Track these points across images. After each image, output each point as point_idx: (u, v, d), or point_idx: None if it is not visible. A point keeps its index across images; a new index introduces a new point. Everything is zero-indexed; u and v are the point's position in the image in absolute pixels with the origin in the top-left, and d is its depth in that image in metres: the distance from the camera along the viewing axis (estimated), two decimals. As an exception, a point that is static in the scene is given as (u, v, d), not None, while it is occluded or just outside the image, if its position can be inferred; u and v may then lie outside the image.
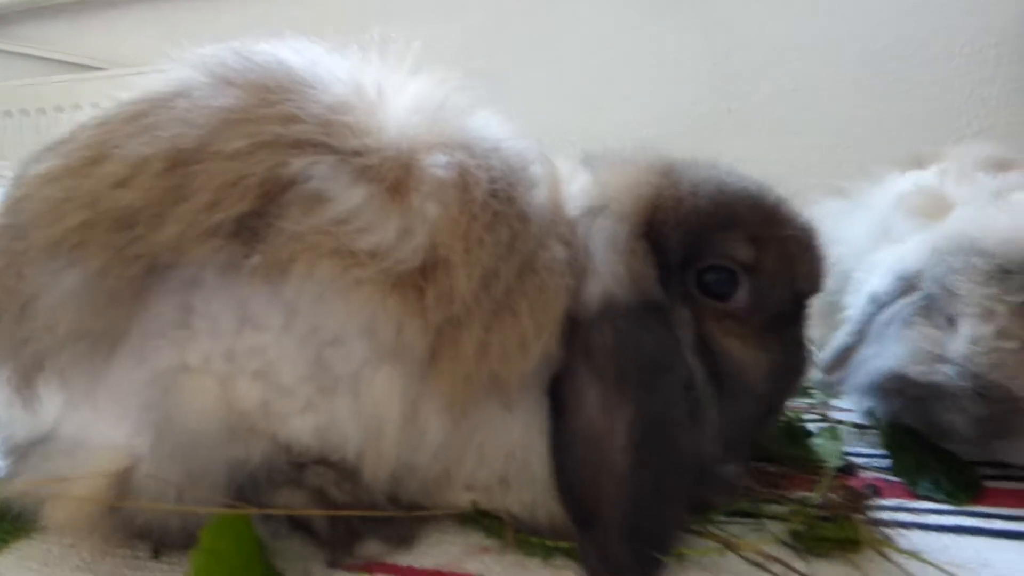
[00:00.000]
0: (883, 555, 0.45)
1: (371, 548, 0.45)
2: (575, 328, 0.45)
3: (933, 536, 0.49)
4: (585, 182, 0.52)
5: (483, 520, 0.48)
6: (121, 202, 0.38)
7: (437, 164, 0.42)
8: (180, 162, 0.39)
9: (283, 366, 0.41)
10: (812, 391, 0.75)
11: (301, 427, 0.42)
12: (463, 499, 0.48)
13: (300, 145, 0.40)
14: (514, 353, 0.42)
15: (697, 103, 1.34)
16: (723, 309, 0.49)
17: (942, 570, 0.43)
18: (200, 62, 0.44)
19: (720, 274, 0.49)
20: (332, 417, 0.42)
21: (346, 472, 0.44)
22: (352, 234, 0.40)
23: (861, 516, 0.48)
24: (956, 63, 1.23)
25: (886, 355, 0.59)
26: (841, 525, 0.45)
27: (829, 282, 0.80)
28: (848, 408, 0.71)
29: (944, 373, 0.55)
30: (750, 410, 0.53)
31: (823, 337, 0.73)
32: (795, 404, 0.73)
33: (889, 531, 0.48)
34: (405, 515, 0.46)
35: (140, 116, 0.42)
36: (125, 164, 0.39)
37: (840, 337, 0.69)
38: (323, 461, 0.44)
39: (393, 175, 0.42)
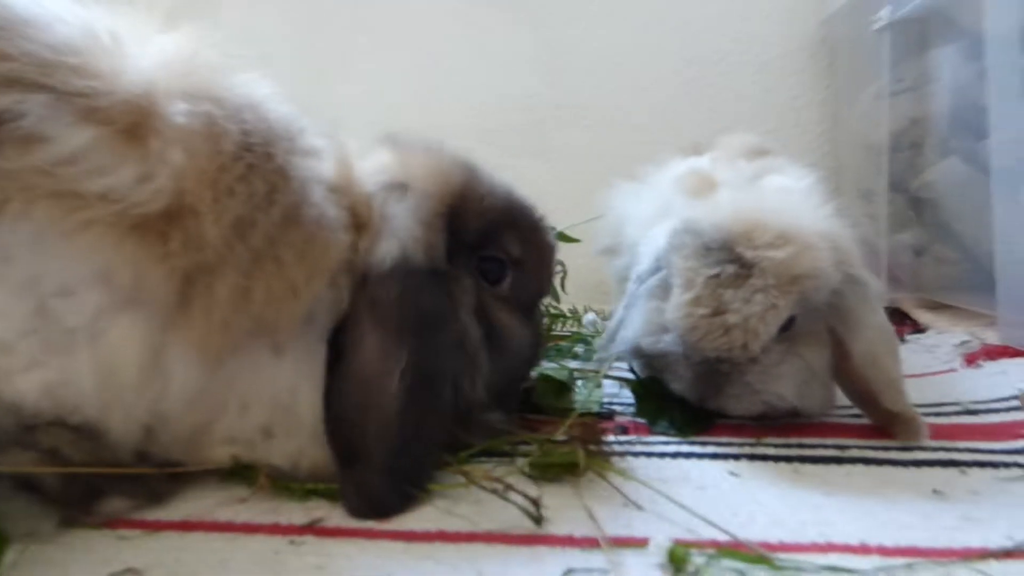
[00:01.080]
0: (600, 475, 0.52)
1: (114, 506, 0.45)
2: (363, 282, 0.50)
3: (655, 461, 0.57)
4: (384, 160, 0.58)
5: (244, 473, 0.50)
6: None
7: (179, 112, 0.43)
8: None
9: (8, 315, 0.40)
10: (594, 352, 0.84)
11: (27, 387, 0.41)
12: (223, 453, 0.49)
13: (9, 83, 0.39)
14: (283, 297, 0.45)
15: (527, 98, 1.43)
16: (493, 291, 0.59)
17: (648, 485, 0.50)
18: None
19: (495, 264, 0.60)
20: (64, 373, 0.41)
21: (85, 431, 0.43)
22: (77, 176, 0.40)
23: (594, 447, 0.55)
24: (750, 72, 1.40)
25: (630, 327, 0.68)
26: (568, 453, 0.52)
27: (624, 255, 0.91)
28: (623, 367, 0.80)
29: (665, 341, 0.63)
30: (516, 368, 0.61)
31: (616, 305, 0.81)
32: (579, 364, 0.83)
33: (617, 458, 0.55)
34: (151, 471, 0.47)
35: None
36: None
37: (615, 310, 0.78)
38: (58, 422, 0.43)
39: (127, 119, 0.42)
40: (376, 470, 0.47)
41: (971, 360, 0.77)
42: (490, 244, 0.59)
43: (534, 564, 0.41)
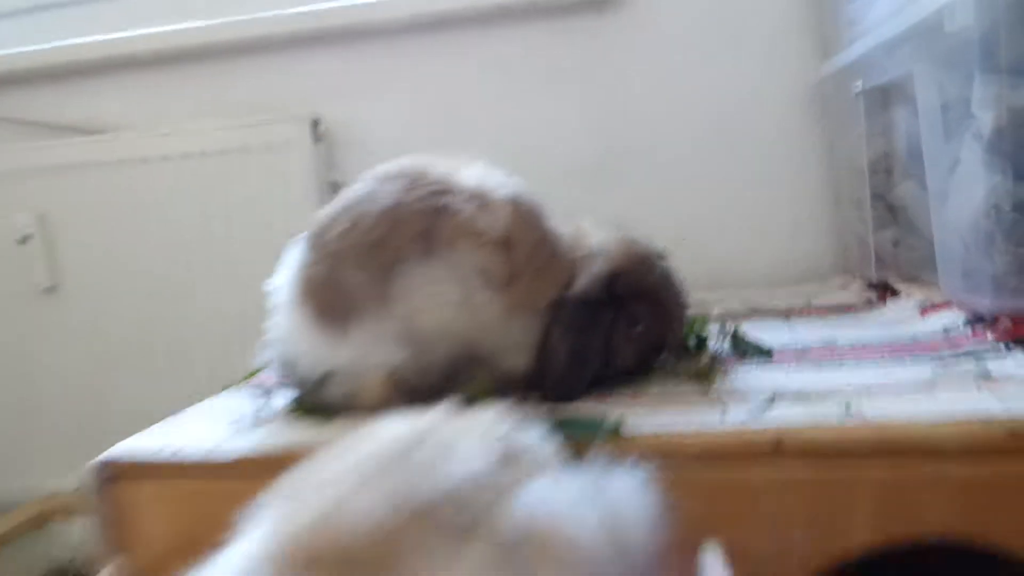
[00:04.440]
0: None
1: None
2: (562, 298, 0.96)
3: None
4: (600, 235, 1.00)
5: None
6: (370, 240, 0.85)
7: (499, 195, 0.91)
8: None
9: (451, 296, 0.87)
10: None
11: (459, 327, 0.88)
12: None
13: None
14: (544, 293, 0.91)
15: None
16: (627, 332, 0.95)
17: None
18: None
19: (632, 316, 0.95)
20: (468, 321, 0.88)
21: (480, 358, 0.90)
22: (474, 225, 0.87)
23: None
24: (763, 122, 1.86)
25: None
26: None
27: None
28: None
29: None
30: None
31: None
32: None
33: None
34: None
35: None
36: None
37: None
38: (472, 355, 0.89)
39: (481, 200, 0.89)
40: (555, 384, 0.92)
41: (924, 312, 1.21)
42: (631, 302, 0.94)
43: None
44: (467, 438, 0.57)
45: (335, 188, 1.96)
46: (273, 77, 2.02)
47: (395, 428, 0.58)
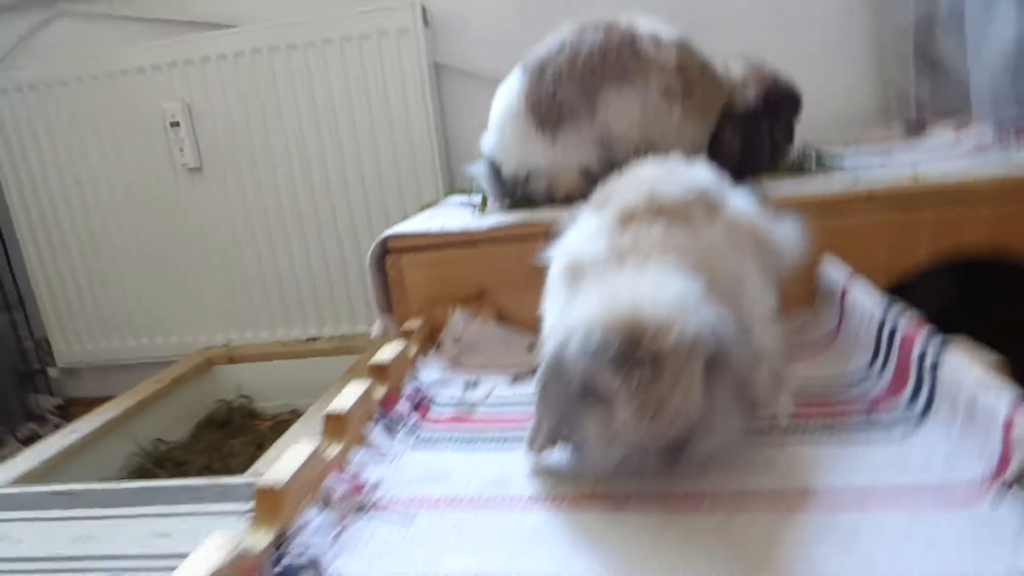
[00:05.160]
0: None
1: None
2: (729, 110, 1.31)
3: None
4: (739, 66, 1.35)
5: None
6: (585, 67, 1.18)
7: (669, 37, 1.24)
8: None
9: (641, 107, 1.21)
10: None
11: (644, 131, 1.23)
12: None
13: None
14: (709, 107, 1.26)
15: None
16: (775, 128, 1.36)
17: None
18: None
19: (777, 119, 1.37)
20: (652, 126, 1.23)
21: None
22: (657, 58, 1.22)
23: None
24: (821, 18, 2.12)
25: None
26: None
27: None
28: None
29: (621, 446, 0.67)
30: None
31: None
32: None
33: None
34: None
35: None
36: None
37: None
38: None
39: (657, 41, 1.23)
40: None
41: (957, 130, 1.56)
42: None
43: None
44: (692, 168, 0.94)
45: (438, 69, 2.26)
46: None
47: (653, 165, 0.94)
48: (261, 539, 0.61)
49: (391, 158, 2.27)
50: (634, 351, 0.63)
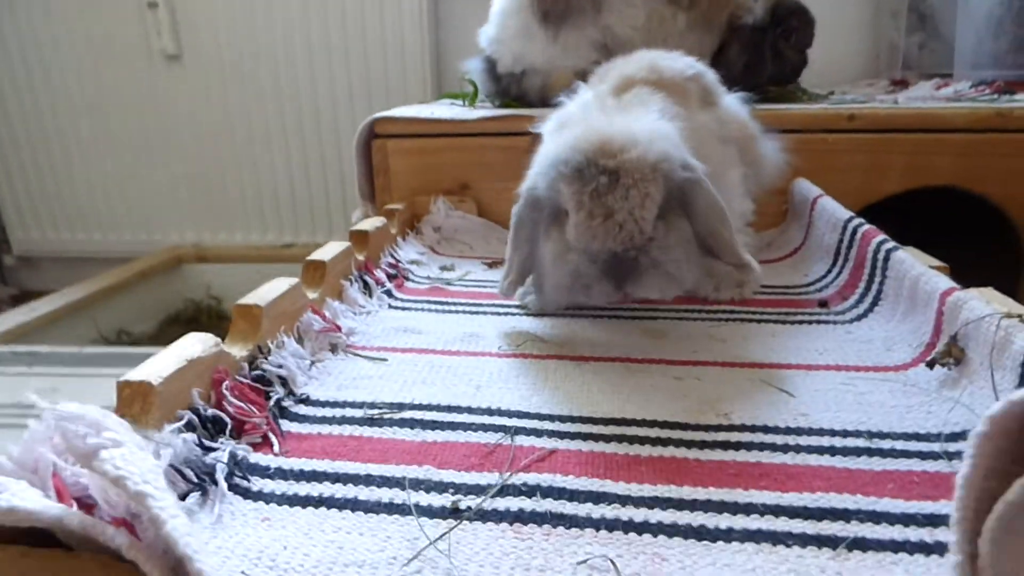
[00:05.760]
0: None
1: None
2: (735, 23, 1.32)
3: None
4: None
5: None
6: None
7: None
8: None
9: (644, 11, 1.22)
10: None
11: (646, 36, 1.24)
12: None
13: None
14: (715, 16, 1.27)
15: None
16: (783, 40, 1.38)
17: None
18: None
19: (788, 33, 1.38)
20: (655, 32, 1.24)
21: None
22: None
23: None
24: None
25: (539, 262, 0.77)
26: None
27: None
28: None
29: (572, 260, 0.70)
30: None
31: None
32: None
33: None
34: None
35: None
36: None
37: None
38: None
39: None
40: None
41: (938, 88, 1.61)
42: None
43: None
44: (680, 57, 0.96)
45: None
46: None
47: (644, 53, 0.96)
48: (238, 350, 0.63)
49: (380, 59, 2.23)
50: (594, 163, 0.67)
